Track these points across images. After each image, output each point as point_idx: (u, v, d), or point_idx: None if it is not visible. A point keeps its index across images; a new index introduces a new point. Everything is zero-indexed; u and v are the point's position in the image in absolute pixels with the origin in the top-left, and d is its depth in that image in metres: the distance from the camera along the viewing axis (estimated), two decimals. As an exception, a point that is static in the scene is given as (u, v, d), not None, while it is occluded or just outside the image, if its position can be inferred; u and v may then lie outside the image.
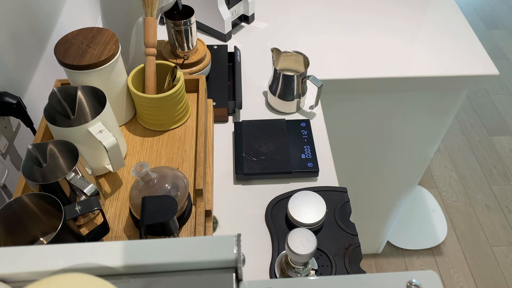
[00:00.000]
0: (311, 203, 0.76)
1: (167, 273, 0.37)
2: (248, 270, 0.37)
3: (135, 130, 0.80)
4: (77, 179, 0.60)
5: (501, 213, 1.97)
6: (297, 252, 0.62)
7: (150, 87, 0.78)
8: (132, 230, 0.65)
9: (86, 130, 0.63)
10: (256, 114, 0.99)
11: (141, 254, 0.37)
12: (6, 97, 0.71)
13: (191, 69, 0.95)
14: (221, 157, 0.90)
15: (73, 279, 0.32)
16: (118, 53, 0.71)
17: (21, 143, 0.78)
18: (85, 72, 0.68)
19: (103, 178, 0.72)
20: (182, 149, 0.76)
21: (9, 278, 0.37)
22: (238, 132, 0.91)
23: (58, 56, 0.68)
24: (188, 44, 0.94)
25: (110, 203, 0.69)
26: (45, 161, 0.63)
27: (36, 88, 0.84)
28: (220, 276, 0.37)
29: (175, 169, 0.67)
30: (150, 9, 0.76)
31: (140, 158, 0.75)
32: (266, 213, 0.80)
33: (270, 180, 0.86)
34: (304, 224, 0.73)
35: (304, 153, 0.88)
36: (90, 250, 0.38)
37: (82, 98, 0.70)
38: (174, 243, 0.38)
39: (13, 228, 0.57)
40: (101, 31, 0.72)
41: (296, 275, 0.68)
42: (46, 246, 0.38)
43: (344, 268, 0.71)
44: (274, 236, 0.76)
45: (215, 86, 0.99)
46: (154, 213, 0.59)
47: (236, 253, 0.37)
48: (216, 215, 0.81)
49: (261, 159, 0.87)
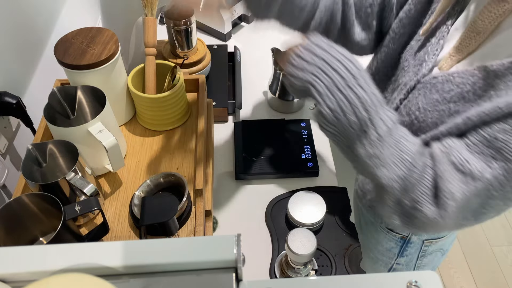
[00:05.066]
0: (311, 203, 0.76)
1: (167, 273, 0.37)
2: (248, 270, 0.37)
3: (135, 130, 0.80)
4: (77, 179, 0.60)
5: (501, 213, 1.97)
6: (297, 252, 0.62)
7: (150, 87, 0.78)
8: (132, 230, 0.65)
9: (86, 130, 0.63)
10: (256, 114, 0.99)
11: (141, 254, 0.37)
12: (6, 97, 0.71)
13: (191, 69, 0.95)
14: (221, 157, 0.90)
15: (72, 279, 0.32)
16: (118, 53, 0.71)
17: (21, 143, 0.78)
18: (85, 72, 0.68)
19: (103, 178, 0.72)
20: (182, 149, 0.76)
21: (9, 278, 0.37)
22: (238, 132, 0.91)
23: (58, 56, 0.68)
24: (188, 44, 0.94)
25: (110, 203, 0.68)
26: (45, 161, 0.63)
27: (36, 88, 0.84)
28: (220, 276, 0.37)
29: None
30: (150, 9, 0.76)
31: (140, 158, 0.75)
32: (266, 213, 0.80)
33: (270, 180, 0.86)
34: (304, 224, 0.73)
35: (304, 153, 0.88)
36: (90, 250, 0.38)
37: (82, 98, 0.70)
38: (174, 243, 0.38)
39: (13, 228, 0.57)
40: (101, 31, 0.72)
41: (296, 275, 0.68)
42: (46, 246, 0.38)
43: (344, 268, 0.71)
44: (274, 236, 0.76)
45: (215, 86, 0.99)
46: (154, 213, 0.59)
47: (236, 253, 0.37)
48: (216, 215, 0.81)
49: (261, 159, 0.87)
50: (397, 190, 0.53)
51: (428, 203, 0.52)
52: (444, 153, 0.53)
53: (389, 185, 0.53)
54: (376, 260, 0.94)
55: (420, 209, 0.52)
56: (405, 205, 0.54)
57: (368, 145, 0.53)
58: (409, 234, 0.83)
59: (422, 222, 0.53)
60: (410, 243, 0.85)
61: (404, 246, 0.86)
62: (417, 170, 0.53)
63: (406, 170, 0.53)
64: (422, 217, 0.53)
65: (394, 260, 0.90)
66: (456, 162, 0.51)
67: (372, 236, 0.92)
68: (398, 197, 0.54)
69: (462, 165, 0.50)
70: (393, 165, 0.53)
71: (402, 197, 0.53)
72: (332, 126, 0.53)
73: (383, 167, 0.53)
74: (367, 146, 0.53)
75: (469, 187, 0.50)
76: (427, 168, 0.53)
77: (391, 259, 0.90)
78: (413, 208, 0.53)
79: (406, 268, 0.91)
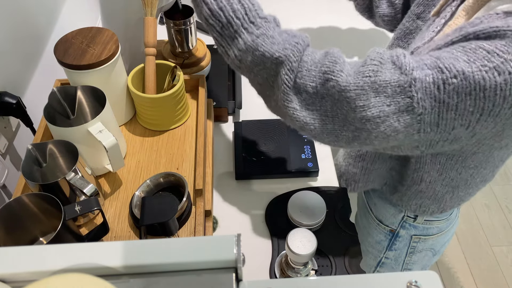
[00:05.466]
0: (311, 203, 0.76)
1: (167, 273, 0.37)
2: (248, 270, 0.37)
3: (135, 130, 0.80)
4: (77, 179, 0.60)
5: (501, 213, 1.97)
6: (297, 252, 0.62)
7: (150, 87, 0.78)
8: (132, 230, 0.65)
9: (86, 130, 0.63)
10: (256, 114, 0.99)
11: (141, 254, 0.37)
12: (6, 97, 0.71)
13: (191, 69, 0.95)
14: (221, 157, 0.90)
15: (72, 279, 0.32)
16: (118, 53, 0.71)
17: (20, 143, 0.78)
18: (85, 72, 0.68)
19: (103, 178, 0.72)
20: (182, 149, 0.76)
21: (9, 278, 0.37)
22: (238, 132, 0.91)
23: (58, 56, 0.68)
24: (188, 44, 0.94)
25: (110, 203, 0.68)
26: (44, 161, 0.63)
27: (36, 88, 0.84)
28: (220, 276, 0.37)
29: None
30: (150, 9, 0.76)
31: (140, 158, 0.75)
32: (266, 213, 0.80)
33: (270, 180, 0.86)
34: (304, 224, 0.73)
35: (304, 153, 0.88)
36: (89, 250, 0.38)
37: (82, 98, 0.70)
38: (174, 243, 0.38)
39: (13, 228, 0.57)
40: (101, 31, 0.72)
41: (296, 275, 0.68)
42: (46, 246, 0.38)
43: (344, 268, 0.71)
44: (274, 236, 0.76)
45: (215, 86, 0.99)
46: (154, 213, 0.59)
47: (236, 253, 0.37)
48: (216, 215, 0.81)
49: (261, 159, 0.87)
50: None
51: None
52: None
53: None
54: (366, 253, 0.95)
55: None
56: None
57: (252, 32, 0.55)
58: (397, 227, 0.84)
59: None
60: (398, 237, 0.86)
61: (392, 240, 0.87)
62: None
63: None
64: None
65: (383, 254, 0.91)
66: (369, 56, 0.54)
67: (364, 227, 0.93)
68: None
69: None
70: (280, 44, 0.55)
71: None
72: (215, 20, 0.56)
73: (273, 45, 0.55)
74: (250, 33, 0.55)
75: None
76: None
77: (380, 252, 0.91)
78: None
79: (395, 264, 0.92)
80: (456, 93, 0.48)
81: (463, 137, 0.54)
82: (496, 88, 0.47)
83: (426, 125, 0.51)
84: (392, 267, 0.94)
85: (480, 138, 0.55)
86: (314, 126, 0.55)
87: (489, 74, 0.47)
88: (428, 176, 0.69)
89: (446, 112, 0.50)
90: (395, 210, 0.83)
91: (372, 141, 0.55)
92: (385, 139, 0.54)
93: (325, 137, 0.56)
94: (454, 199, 0.73)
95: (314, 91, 0.53)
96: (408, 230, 0.84)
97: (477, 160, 0.64)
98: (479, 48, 0.48)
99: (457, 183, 0.69)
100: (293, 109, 0.55)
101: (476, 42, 0.50)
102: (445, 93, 0.49)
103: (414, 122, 0.51)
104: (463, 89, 0.48)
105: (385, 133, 0.53)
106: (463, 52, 0.49)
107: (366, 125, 0.52)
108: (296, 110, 0.55)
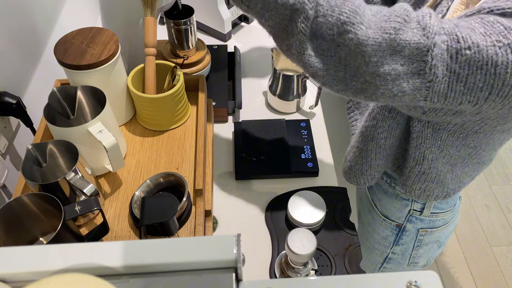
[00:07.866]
0: (311, 203, 0.76)
1: (167, 273, 0.37)
2: (248, 270, 0.37)
3: (135, 130, 0.80)
4: (77, 179, 0.60)
5: (501, 213, 1.97)
6: (297, 252, 0.62)
7: (150, 87, 0.78)
8: (132, 230, 0.65)
9: (86, 130, 0.63)
10: (256, 114, 0.99)
11: (141, 254, 0.37)
12: (6, 97, 0.71)
13: (191, 69, 0.95)
14: (221, 157, 0.90)
15: (72, 279, 0.32)
16: (118, 53, 0.71)
17: (21, 143, 0.78)
18: (85, 72, 0.68)
19: (103, 178, 0.72)
20: (182, 149, 0.76)
21: (9, 278, 0.37)
22: (238, 132, 0.91)
23: (58, 56, 0.68)
24: (188, 44, 0.94)
25: (110, 203, 0.68)
26: (44, 161, 0.63)
27: (36, 88, 0.84)
28: (220, 276, 0.37)
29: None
30: (150, 9, 0.76)
31: (140, 158, 0.75)
32: (266, 213, 0.80)
33: (270, 180, 0.86)
34: (304, 224, 0.73)
35: (304, 153, 0.88)
36: (90, 250, 0.38)
37: (81, 98, 0.70)
38: (174, 243, 0.38)
39: (13, 228, 0.57)
40: (101, 31, 0.72)
41: (296, 275, 0.68)
42: (46, 246, 0.38)
43: (344, 268, 0.71)
44: (274, 236, 0.76)
45: (215, 86, 0.99)
46: (154, 213, 0.59)
47: (236, 253, 0.37)
48: (216, 215, 0.81)
49: (261, 159, 0.87)
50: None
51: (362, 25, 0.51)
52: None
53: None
54: (372, 249, 0.95)
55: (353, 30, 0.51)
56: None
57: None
58: (403, 222, 0.84)
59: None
60: (405, 231, 0.86)
61: (399, 234, 0.87)
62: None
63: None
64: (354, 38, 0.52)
65: (390, 249, 0.91)
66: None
67: (369, 224, 0.93)
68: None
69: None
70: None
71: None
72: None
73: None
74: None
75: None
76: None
77: (387, 247, 0.91)
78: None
79: (402, 258, 0.92)
80: (468, 64, 0.49)
81: (467, 111, 0.54)
82: (508, 66, 0.48)
83: (434, 94, 0.52)
84: (399, 262, 0.93)
85: (484, 117, 0.56)
86: (327, 73, 0.55)
87: (502, 50, 0.47)
88: (429, 153, 0.68)
89: (456, 83, 0.50)
90: (401, 204, 0.83)
91: (378, 97, 0.55)
92: (391, 98, 0.54)
93: (335, 84, 0.56)
94: (454, 180, 0.73)
95: (331, 38, 0.52)
96: (415, 223, 0.84)
97: (477, 139, 0.64)
98: (497, 23, 0.48)
99: (455, 161, 0.69)
100: (308, 55, 0.54)
101: (494, 16, 0.50)
102: (457, 63, 0.49)
103: (423, 88, 0.51)
104: (475, 62, 0.48)
105: (392, 91, 0.53)
106: (481, 24, 0.49)
107: (375, 80, 0.52)
108: (311, 57, 0.54)
